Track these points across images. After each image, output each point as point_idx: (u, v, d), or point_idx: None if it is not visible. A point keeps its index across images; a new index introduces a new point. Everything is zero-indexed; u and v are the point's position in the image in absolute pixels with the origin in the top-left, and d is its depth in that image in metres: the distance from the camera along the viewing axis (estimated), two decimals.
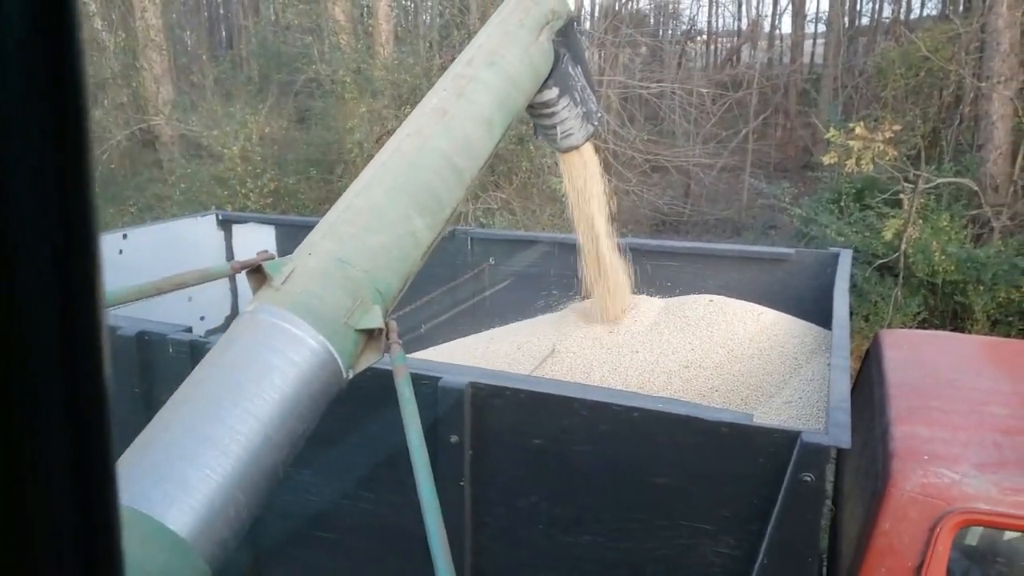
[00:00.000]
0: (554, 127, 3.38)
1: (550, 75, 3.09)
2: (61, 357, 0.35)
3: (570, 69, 3.20)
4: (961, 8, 13.16)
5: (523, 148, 9.69)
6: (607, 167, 10.95)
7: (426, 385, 2.35)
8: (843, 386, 2.29)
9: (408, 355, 3.15)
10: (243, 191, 10.00)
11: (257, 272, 1.99)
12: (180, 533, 1.51)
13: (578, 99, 3.31)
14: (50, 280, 0.34)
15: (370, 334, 2.01)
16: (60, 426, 0.36)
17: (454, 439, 2.36)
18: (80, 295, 0.36)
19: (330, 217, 2.24)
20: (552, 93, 3.18)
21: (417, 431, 1.88)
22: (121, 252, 4.88)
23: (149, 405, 1.97)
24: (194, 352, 2.65)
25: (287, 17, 11.56)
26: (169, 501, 1.53)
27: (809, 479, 1.98)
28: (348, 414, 2.38)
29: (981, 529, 2.12)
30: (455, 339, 4.39)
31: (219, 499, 1.58)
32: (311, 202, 10.61)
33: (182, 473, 1.58)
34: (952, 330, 7.50)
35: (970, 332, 7.37)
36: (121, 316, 2.95)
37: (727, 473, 2.13)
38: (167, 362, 2.71)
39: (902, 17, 19.79)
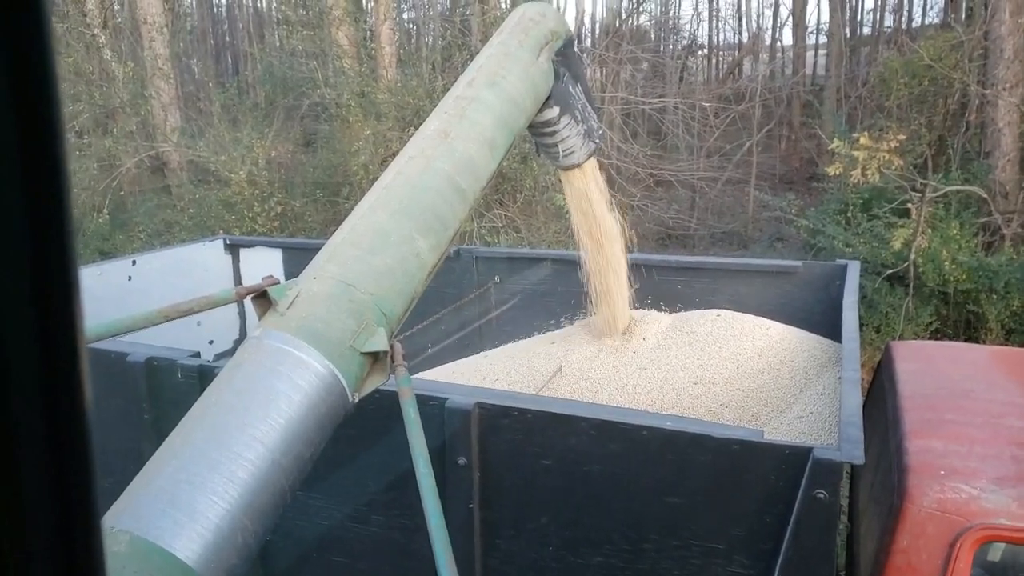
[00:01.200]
0: (556, 145, 3.39)
1: (551, 94, 3.11)
2: (41, 395, 0.35)
3: (570, 88, 3.22)
4: (963, 16, 13.17)
5: (527, 166, 9.73)
6: (611, 182, 10.96)
7: (433, 406, 2.34)
8: (854, 400, 2.26)
9: (415, 375, 3.14)
10: (250, 215, 10.07)
11: (262, 297, 1.99)
12: (189, 562, 1.51)
13: (579, 117, 3.32)
14: (28, 316, 0.34)
15: (376, 356, 2.01)
16: (41, 468, 0.35)
17: (462, 461, 2.34)
18: (59, 330, 0.35)
19: (334, 240, 2.25)
20: (553, 112, 3.20)
21: (423, 453, 1.86)
22: (131, 278, 4.92)
23: (158, 431, 1.97)
24: (203, 377, 2.65)
25: (292, 43, 11.72)
26: (178, 529, 1.53)
27: (822, 496, 1.94)
28: (356, 436, 2.37)
29: (1003, 545, 2.07)
30: (462, 358, 4.38)
31: (227, 526, 1.58)
32: (318, 224, 10.68)
33: (190, 500, 1.58)
34: (966, 340, 7.41)
35: (984, 342, 7.27)
36: (129, 342, 2.96)
37: (739, 491, 2.09)
38: (176, 387, 2.71)
39: (904, 26, 19.84)
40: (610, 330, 3.86)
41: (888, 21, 21.13)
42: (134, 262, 5.01)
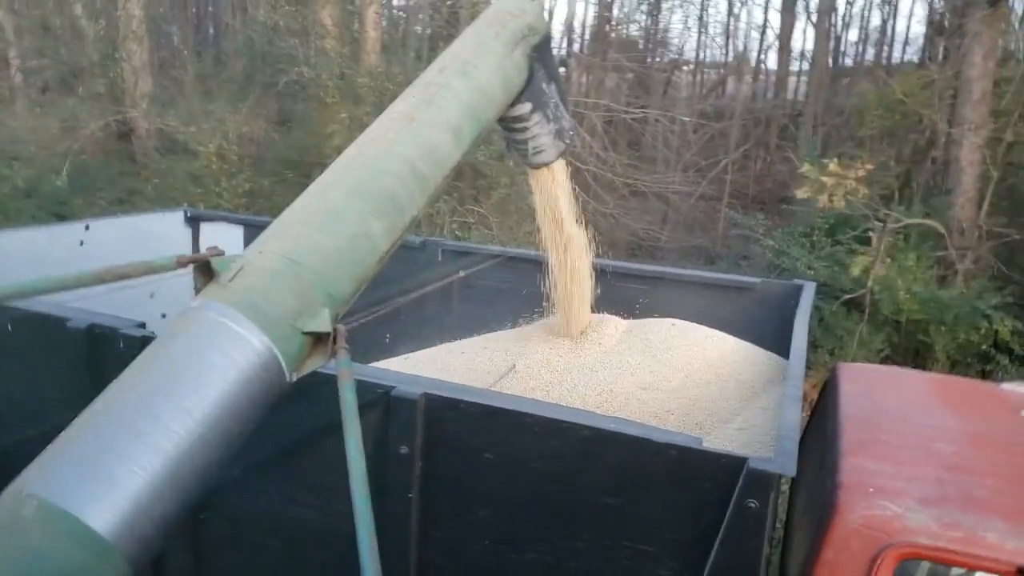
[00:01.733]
0: (525, 143, 3.38)
1: (524, 90, 3.09)
2: None
3: (544, 86, 3.21)
4: (940, 56, 13.55)
5: (502, 164, 9.72)
6: (586, 189, 11.03)
7: (379, 394, 2.31)
8: (794, 416, 2.30)
9: (370, 363, 3.09)
10: (217, 190, 9.89)
11: (205, 268, 1.93)
12: (102, 531, 1.45)
13: (551, 116, 3.31)
14: None
15: (317, 338, 1.96)
16: None
17: (404, 450, 2.33)
18: None
19: (285, 217, 2.20)
20: (525, 108, 3.19)
21: (356, 439, 1.83)
22: (82, 243, 4.80)
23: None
24: (144, 348, 2.59)
25: (274, 18, 11.52)
26: (92, 497, 1.47)
27: (753, 505, 1.98)
28: (299, 419, 2.33)
29: (928, 564, 2.12)
30: (419, 350, 4.35)
31: (146, 497, 1.53)
32: (285, 204, 10.44)
33: (109, 468, 1.52)
34: (913, 368, 7.63)
35: (931, 371, 7.50)
36: (74, 308, 2.88)
37: (674, 496, 2.12)
38: (117, 357, 2.63)
39: (884, 61, 20.34)
40: (567, 332, 3.87)
41: (870, 54, 21.68)
42: (87, 227, 4.88)
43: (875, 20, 22.50)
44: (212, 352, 1.74)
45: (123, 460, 1.53)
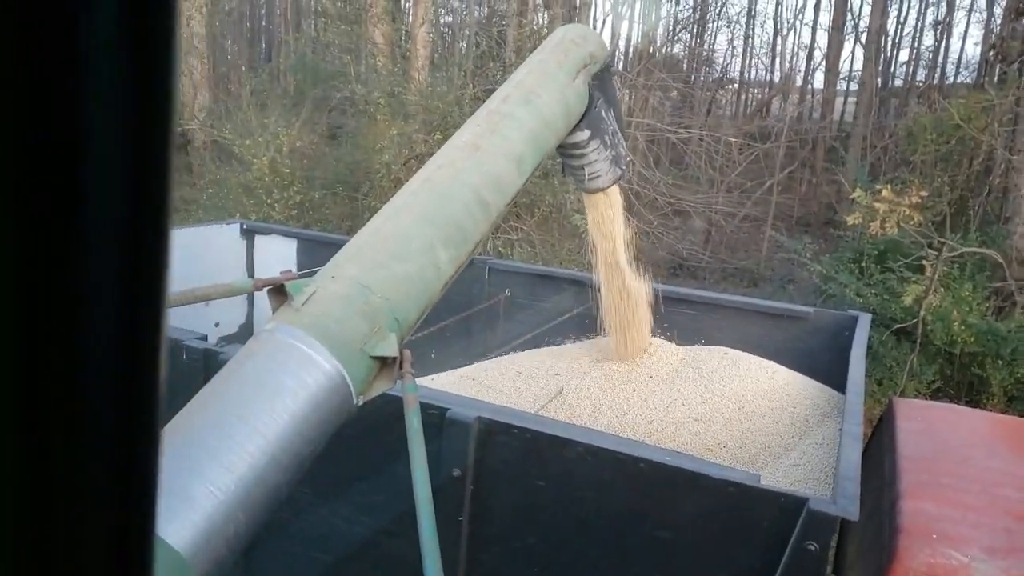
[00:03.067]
0: (582, 168, 3.41)
1: (583, 117, 3.12)
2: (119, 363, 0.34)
3: (603, 113, 3.23)
4: (995, 79, 13.15)
5: (547, 182, 9.77)
6: (629, 207, 10.99)
7: (433, 415, 2.34)
8: (854, 455, 2.26)
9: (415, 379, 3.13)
10: (269, 201, 10.13)
11: (278, 290, 1.99)
12: (178, 548, 1.48)
13: (608, 143, 3.34)
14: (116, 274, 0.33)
15: (384, 362, 1.99)
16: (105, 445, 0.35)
17: (456, 472, 2.34)
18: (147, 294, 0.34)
19: (356, 242, 2.25)
20: (583, 135, 3.21)
21: (422, 464, 1.85)
22: None
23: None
24: (207, 360, 2.65)
25: (327, 36, 11.81)
26: (170, 514, 1.50)
27: (813, 548, 1.95)
28: (353, 436, 2.38)
29: None
30: (464, 367, 4.39)
31: (220, 516, 1.56)
32: (334, 217, 10.72)
33: (185, 487, 1.55)
34: (967, 403, 7.37)
35: (986, 407, 7.23)
36: None
37: (729, 533, 2.09)
38: (180, 369, 2.70)
39: (936, 82, 19.85)
40: (618, 355, 3.86)
41: (920, 75, 21.20)
42: None
43: (927, 41, 21.99)
44: (284, 375, 1.78)
45: (200, 479, 1.57)
